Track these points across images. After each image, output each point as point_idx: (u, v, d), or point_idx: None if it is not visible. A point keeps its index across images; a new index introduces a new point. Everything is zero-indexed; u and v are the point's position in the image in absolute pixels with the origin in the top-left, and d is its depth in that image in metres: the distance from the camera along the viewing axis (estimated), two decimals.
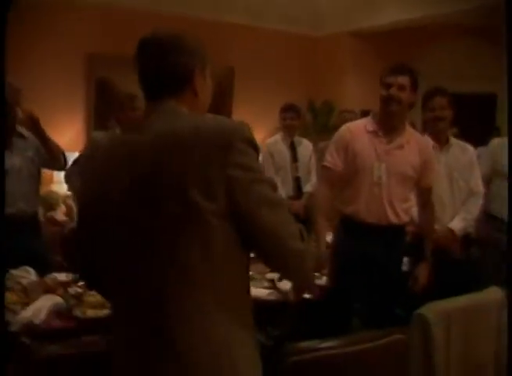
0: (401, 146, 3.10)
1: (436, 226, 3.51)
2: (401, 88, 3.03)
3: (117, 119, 3.92)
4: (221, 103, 6.85)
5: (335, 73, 7.57)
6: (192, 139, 1.43)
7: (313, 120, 7.18)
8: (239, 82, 7.30)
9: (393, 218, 3.09)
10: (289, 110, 5.23)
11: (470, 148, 3.70)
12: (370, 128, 3.13)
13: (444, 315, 2.35)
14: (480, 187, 3.66)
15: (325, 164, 3.17)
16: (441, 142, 3.61)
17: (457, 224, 3.57)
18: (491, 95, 7.21)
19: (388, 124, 3.10)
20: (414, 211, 3.38)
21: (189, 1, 6.46)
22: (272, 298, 3.00)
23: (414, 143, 3.14)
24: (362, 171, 3.06)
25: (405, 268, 3.37)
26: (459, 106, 3.62)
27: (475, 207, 3.64)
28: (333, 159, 3.12)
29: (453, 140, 3.67)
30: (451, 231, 3.54)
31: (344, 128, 3.22)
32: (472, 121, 4.06)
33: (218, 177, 1.40)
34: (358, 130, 3.15)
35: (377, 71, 3.70)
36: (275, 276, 3.13)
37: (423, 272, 3.24)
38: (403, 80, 3.04)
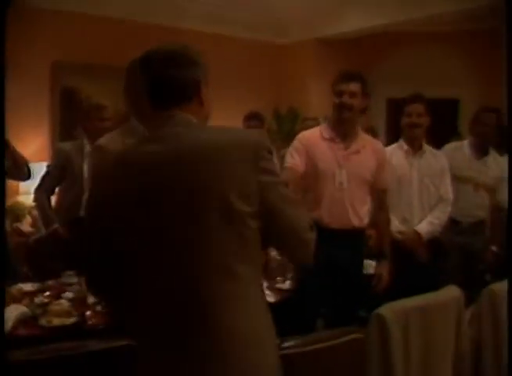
0: (357, 151, 3.19)
1: (403, 228, 3.61)
2: (352, 95, 3.11)
3: (84, 128, 3.92)
4: None
5: (300, 80, 7.63)
6: (227, 150, 1.58)
7: (278, 127, 7.23)
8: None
9: (356, 222, 3.17)
10: (252, 118, 5.28)
11: (442, 155, 3.81)
12: (327, 135, 3.21)
13: (402, 314, 2.41)
14: (449, 194, 3.77)
15: (286, 165, 3.24)
16: (415, 147, 3.71)
17: (424, 227, 3.67)
18: (453, 101, 7.37)
19: (342, 131, 3.19)
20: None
21: (153, 8, 6.45)
22: None
23: (369, 147, 3.23)
24: (324, 177, 3.13)
25: (371, 270, 3.45)
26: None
27: (443, 214, 3.74)
28: (293, 160, 3.19)
29: (427, 147, 3.77)
30: (417, 234, 3.64)
31: (300, 135, 3.30)
32: (434, 126, 4.21)
33: (252, 182, 1.58)
34: (314, 137, 3.23)
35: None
36: None
37: (384, 272, 3.32)
38: (354, 87, 3.12)
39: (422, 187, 3.68)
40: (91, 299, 2.82)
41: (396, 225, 3.62)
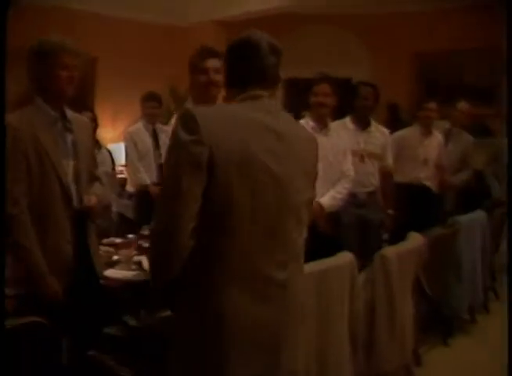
0: None
1: None
2: (217, 71, 3.08)
3: None
4: (84, 93, 6.76)
5: None
6: (308, 141, 2.02)
7: (176, 107, 7.26)
8: (102, 72, 7.27)
9: None
10: (149, 98, 5.30)
11: (344, 136, 4.00)
12: None
13: None
14: (351, 172, 3.98)
15: None
16: (321, 125, 3.85)
17: (327, 201, 3.84)
18: (348, 80, 7.66)
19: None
20: None
21: None
22: (140, 278, 3.07)
23: None
24: None
25: None
26: None
27: (345, 189, 3.94)
28: None
29: (333, 125, 3.94)
30: (320, 205, 3.80)
31: None
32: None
33: (315, 172, 2.00)
34: None
35: None
36: (141, 258, 3.27)
37: None
38: (217, 63, 3.08)
39: (326, 163, 3.81)
40: None
41: None
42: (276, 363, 1.83)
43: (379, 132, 4.47)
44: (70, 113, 2.73)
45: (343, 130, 4.29)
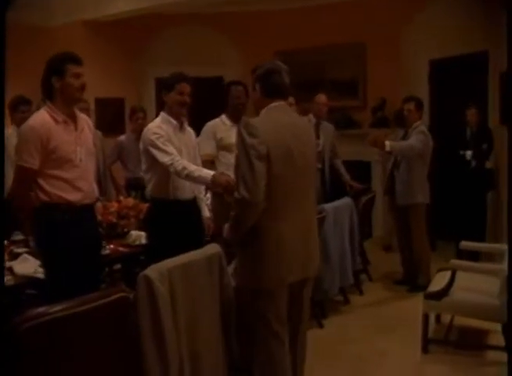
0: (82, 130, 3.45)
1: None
2: (78, 76, 3.31)
3: None
4: None
5: None
6: (309, 128, 3.25)
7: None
8: None
9: None
10: (21, 103, 5.20)
11: (192, 131, 4.15)
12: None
13: (166, 273, 2.66)
14: (200, 165, 4.14)
15: None
16: (182, 122, 3.96)
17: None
18: (218, 78, 7.86)
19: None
20: None
21: None
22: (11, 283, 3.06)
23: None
24: None
25: None
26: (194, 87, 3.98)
27: None
28: None
29: (186, 126, 4.07)
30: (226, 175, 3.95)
31: None
32: (203, 101, 4.69)
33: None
34: None
35: (111, 59, 3.92)
36: (12, 264, 3.24)
37: None
38: (80, 69, 3.32)
39: (189, 159, 3.96)
40: None
41: None
42: (309, 262, 3.03)
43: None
44: None
45: (223, 126, 4.61)
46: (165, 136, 3.78)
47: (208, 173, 3.65)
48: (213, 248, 3.05)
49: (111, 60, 7.91)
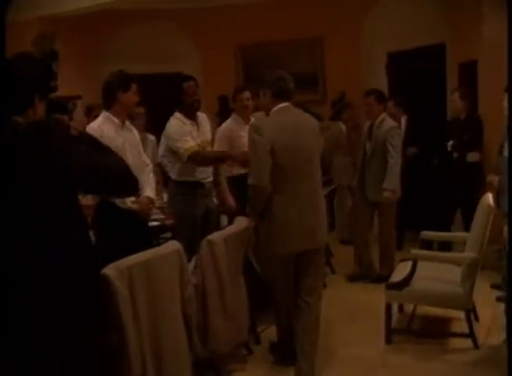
0: None
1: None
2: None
3: None
4: None
5: None
6: (310, 124, 3.73)
7: None
8: None
9: None
10: None
11: (134, 128, 4.09)
12: None
13: (125, 271, 2.63)
14: (149, 161, 4.12)
15: None
16: (124, 120, 3.89)
17: (150, 192, 3.97)
18: (178, 74, 7.77)
19: None
20: None
21: None
22: None
23: None
24: None
25: None
26: (147, 85, 3.93)
27: (151, 178, 4.09)
28: None
29: (128, 123, 4.00)
30: (150, 199, 3.92)
31: None
32: (159, 98, 4.64)
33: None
34: None
35: (68, 56, 3.82)
36: None
37: None
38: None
39: (134, 157, 3.88)
40: None
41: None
42: (316, 232, 3.61)
43: (204, 120, 4.68)
44: None
45: (179, 122, 4.49)
46: (105, 137, 3.57)
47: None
48: (172, 245, 3.02)
49: (69, 58, 7.75)
